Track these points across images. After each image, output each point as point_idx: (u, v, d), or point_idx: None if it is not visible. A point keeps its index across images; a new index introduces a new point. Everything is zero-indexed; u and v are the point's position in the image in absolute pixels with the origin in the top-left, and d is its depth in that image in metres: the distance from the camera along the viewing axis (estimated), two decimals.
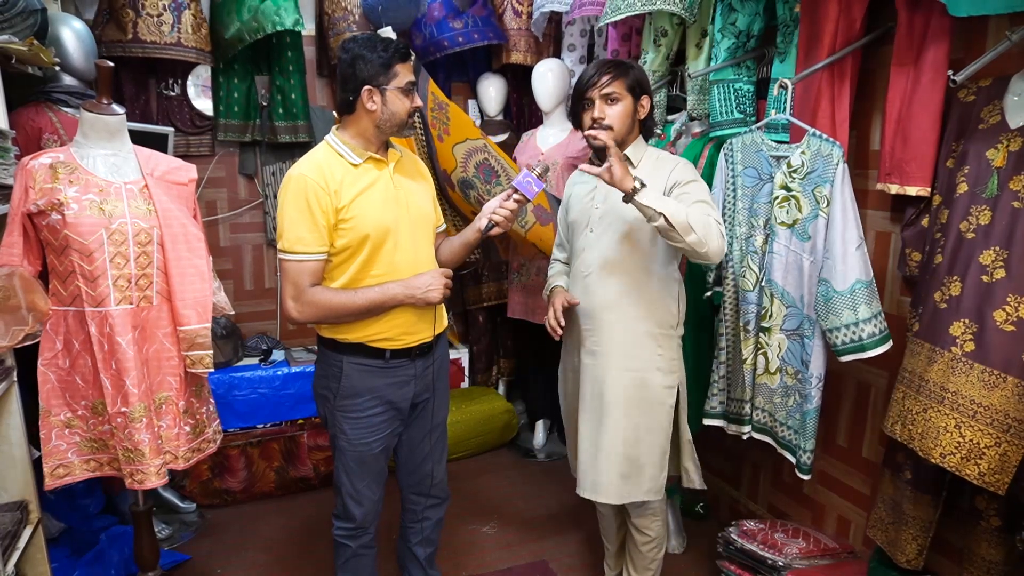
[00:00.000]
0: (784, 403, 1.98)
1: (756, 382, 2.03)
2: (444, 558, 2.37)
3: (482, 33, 3.05)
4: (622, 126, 1.79)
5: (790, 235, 1.91)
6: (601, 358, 1.87)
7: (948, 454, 1.51)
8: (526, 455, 3.34)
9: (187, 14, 2.72)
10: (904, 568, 1.82)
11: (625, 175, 1.57)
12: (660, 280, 1.82)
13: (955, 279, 1.57)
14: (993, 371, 1.48)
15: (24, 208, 1.61)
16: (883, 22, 1.85)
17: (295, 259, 1.61)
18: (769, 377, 2.01)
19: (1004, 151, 1.52)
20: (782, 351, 1.97)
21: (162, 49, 2.70)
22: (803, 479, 1.93)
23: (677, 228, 1.58)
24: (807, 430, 1.88)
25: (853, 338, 1.78)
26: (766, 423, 2.05)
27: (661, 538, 2.02)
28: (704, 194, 1.74)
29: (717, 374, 2.13)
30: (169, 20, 2.69)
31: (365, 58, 1.59)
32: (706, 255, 1.64)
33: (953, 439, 1.51)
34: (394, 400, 1.75)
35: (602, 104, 1.77)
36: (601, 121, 1.77)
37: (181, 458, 1.83)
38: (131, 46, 2.67)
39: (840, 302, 1.77)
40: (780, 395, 1.99)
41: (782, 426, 2.00)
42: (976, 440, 1.48)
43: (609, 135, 1.71)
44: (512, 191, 1.71)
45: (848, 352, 1.80)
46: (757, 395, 2.04)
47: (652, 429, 1.85)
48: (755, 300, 2.00)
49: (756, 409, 2.06)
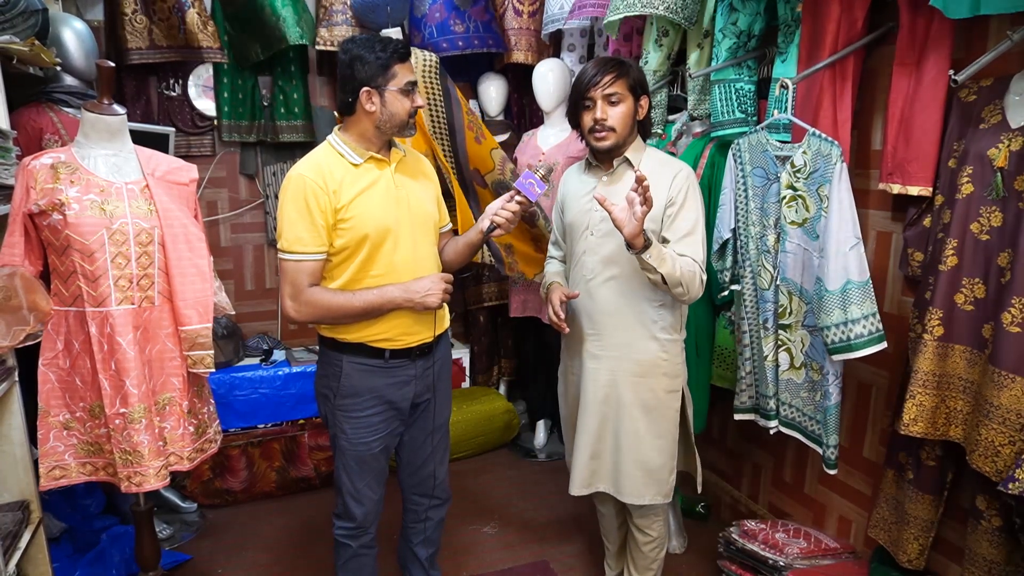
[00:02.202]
0: (811, 398, 1.97)
1: (781, 378, 2.02)
2: (445, 558, 2.37)
3: (482, 39, 3.07)
4: (624, 128, 1.77)
5: (802, 234, 1.90)
6: (604, 362, 1.86)
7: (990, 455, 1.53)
8: (527, 455, 3.34)
9: (191, 13, 2.74)
10: (905, 568, 1.82)
11: (638, 232, 1.59)
12: None
13: (977, 281, 1.57)
14: (1002, 372, 1.48)
15: (25, 208, 1.62)
16: (884, 22, 1.85)
17: (294, 259, 1.61)
18: (795, 372, 2.00)
19: (1005, 151, 1.52)
20: (806, 346, 1.96)
21: (176, 52, 2.75)
22: (828, 472, 1.92)
23: (669, 285, 1.67)
24: (829, 425, 1.88)
25: (842, 337, 1.77)
26: (793, 418, 2.04)
27: (662, 538, 2.02)
28: (693, 222, 1.76)
29: (744, 370, 2.12)
30: (176, 23, 2.72)
31: (363, 59, 1.58)
32: (681, 298, 1.73)
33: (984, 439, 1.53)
34: (394, 400, 1.75)
35: (604, 105, 1.75)
36: (604, 122, 1.76)
37: (186, 459, 1.83)
38: (147, 53, 2.71)
39: (831, 301, 1.77)
40: (807, 389, 1.98)
41: (810, 420, 1.99)
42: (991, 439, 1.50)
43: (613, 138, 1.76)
44: (515, 192, 1.71)
45: (837, 351, 1.80)
46: (783, 390, 2.03)
47: (658, 432, 1.85)
48: (771, 298, 2.00)
49: (783, 404, 2.05)
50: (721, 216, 2.11)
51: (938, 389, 1.66)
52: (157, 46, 2.71)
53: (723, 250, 2.13)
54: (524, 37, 3.16)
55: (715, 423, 2.75)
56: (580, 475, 1.92)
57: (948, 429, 1.65)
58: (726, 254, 2.13)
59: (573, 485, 1.93)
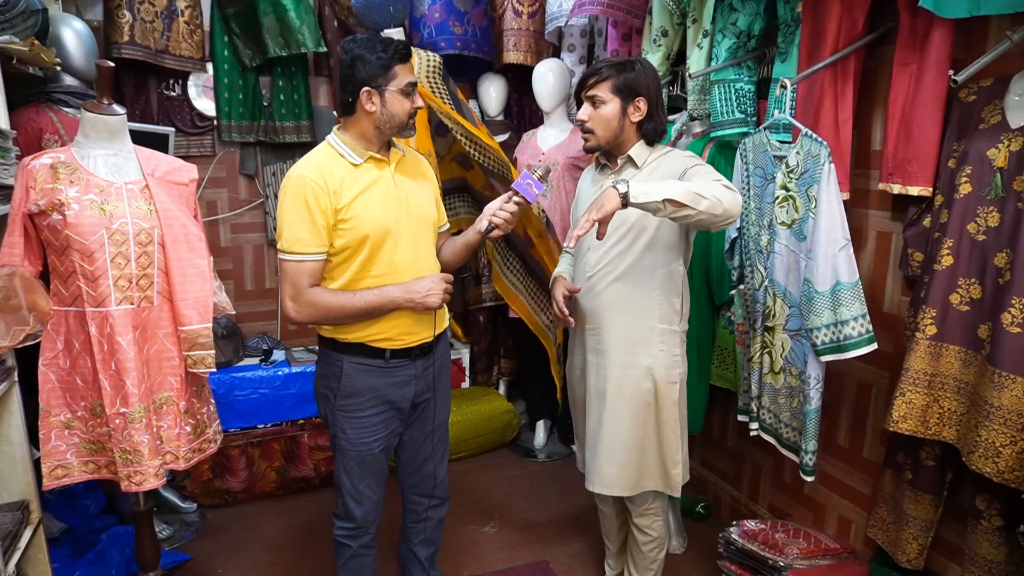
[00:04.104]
0: (788, 403, 1.98)
1: (763, 381, 2.04)
2: (445, 558, 2.37)
3: (479, 44, 3.10)
4: (605, 130, 1.77)
5: (790, 235, 1.91)
6: (604, 356, 1.88)
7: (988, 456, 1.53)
8: (527, 455, 3.34)
9: (179, 22, 2.76)
10: (905, 568, 1.82)
11: (606, 202, 1.49)
12: (663, 278, 1.82)
13: (973, 281, 1.57)
14: (1002, 372, 1.48)
15: (25, 208, 1.62)
16: (885, 22, 1.85)
17: (294, 259, 1.61)
18: (774, 377, 2.01)
19: (1005, 151, 1.52)
20: (786, 351, 1.97)
21: (153, 55, 2.76)
22: (806, 479, 1.93)
23: (687, 203, 1.48)
24: (808, 431, 1.88)
25: (833, 338, 1.77)
26: (771, 424, 2.05)
27: (662, 538, 2.02)
28: (708, 168, 1.68)
29: (745, 371, 2.13)
30: (160, 28, 2.72)
31: (364, 59, 1.58)
32: (726, 213, 1.52)
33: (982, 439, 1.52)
34: (394, 400, 1.75)
35: (587, 107, 1.78)
36: (584, 124, 1.78)
37: (182, 458, 1.83)
38: (125, 47, 2.70)
39: (821, 302, 1.77)
40: (784, 395, 1.99)
41: (786, 427, 2.00)
42: (992, 439, 1.50)
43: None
44: (513, 193, 1.71)
45: (827, 352, 1.79)
46: (763, 394, 2.05)
47: (660, 423, 1.86)
48: (761, 299, 2.01)
49: (763, 408, 2.06)
50: None
51: (929, 388, 1.66)
52: (136, 43, 2.71)
53: (732, 250, 2.14)
54: (523, 38, 3.16)
55: (715, 423, 2.75)
56: (587, 470, 1.96)
57: (941, 430, 1.65)
58: (735, 254, 2.13)
59: (588, 482, 1.95)
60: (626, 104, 1.77)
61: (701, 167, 1.70)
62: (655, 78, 1.81)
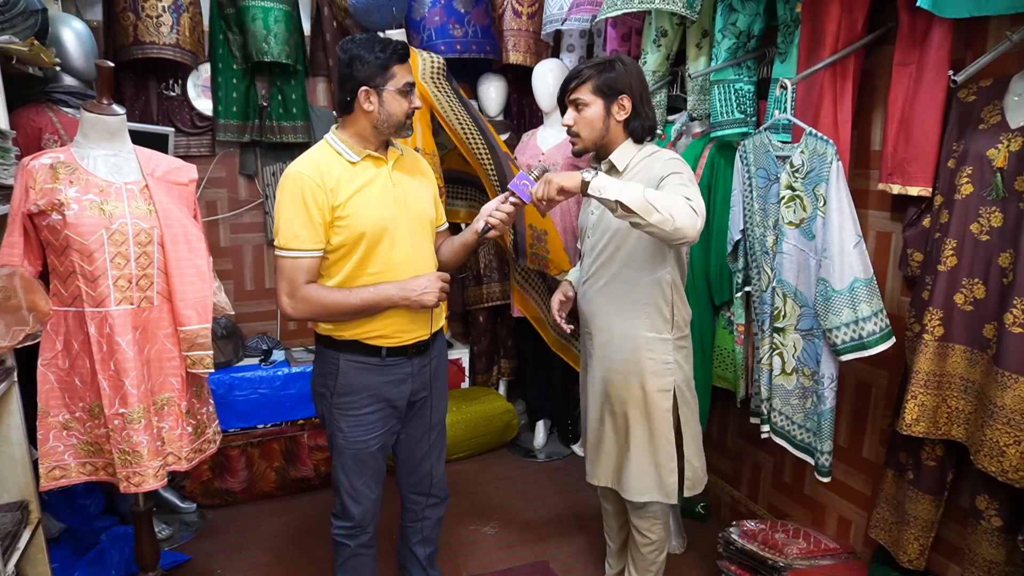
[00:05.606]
0: (801, 405, 1.97)
1: (773, 383, 2.03)
2: (444, 558, 2.37)
3: (480, 45, 3.09)
4: (591, 132, 1.77)
5: (799, 235, 1.90)
6: (596, 360, 1.91)
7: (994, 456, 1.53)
8: (526, 455, 3.34)
9: (185, 17, 2.76)
10: (906, 568, 1.82)
11: (565, 180, 1.53)
12: (649, 286, 1.80)
13: (977, 282, 1.57)
14: (1005, 372, 1.48)
15: (24, 208, 1.61)
16: (884, 22, 1.85)
17: (290, 256, 1.62)
18: (785, 378, 2.00)
19: (1005, 151, 1.52)
20: (798, 351, 1.96)
21: (160, 49, 2.74)
22: (821, 480, 1.91)
23: (637, 211, 1.45)
24: (823, 431, 1.87)
25: (854, 336, 1.77)
26: (783, 426, 2.03)
27: (662, 541, 2.02)
28: (684, 180, 1.63)
29: (756, 373, 2.13)
30: (168, 22, 2.72)
31: (363, 59, 1.59)
32: (678, 232, 1.48)
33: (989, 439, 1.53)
34: (391, 398, 1.75)
35: (571, 111, 1.78)
36: (570, 128, 1.78)
37: (184, 459, 1.83)
38: (133, 49, 2.70)
39: (839, 301, 1.77)
40: (797, 396, 1.98)
41: (800, 428, 1.98)
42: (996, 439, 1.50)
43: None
44: (509, 193, 1.71)
45: (849, 351, 1.79)
46: (774, 396, 2.03)
47: (649, 431, 1.86)
48: (768, 300, 2.00)
49: (774, 411, 2.05)
50: (732, 217, 2.12)
51: (939, 389, 1.66)
52: (141, 42, 2.71)
53: (735, 252, 2.13)
54: (523, 38, 3.16)
55: (715, 423, 2.74)
56: (588, 465, 2.02)
57: (950, 429, 1.65)
58: (739, 256, 2.13)
59: (588, 475, 2.02)
60: (609, 104, 1.75)
61: (677, 177, 1.63)
62: (638, 75, 1.78)
